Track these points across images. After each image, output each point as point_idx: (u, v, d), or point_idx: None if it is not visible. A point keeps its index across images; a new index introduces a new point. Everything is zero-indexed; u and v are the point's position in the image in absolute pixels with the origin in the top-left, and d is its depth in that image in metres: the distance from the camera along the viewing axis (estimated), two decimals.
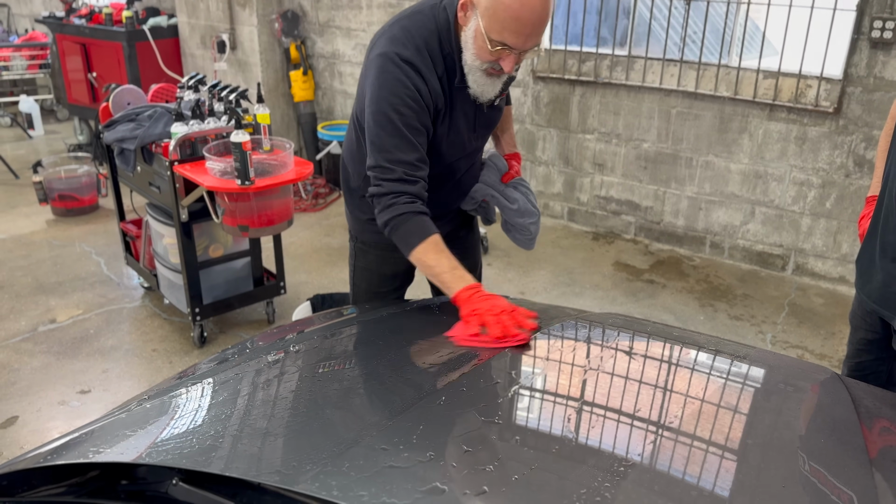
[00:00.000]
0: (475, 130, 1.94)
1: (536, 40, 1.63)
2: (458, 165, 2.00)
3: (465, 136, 1.91)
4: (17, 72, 7.12)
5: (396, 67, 1.70)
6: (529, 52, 1.66)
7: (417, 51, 1.72)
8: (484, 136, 2.03)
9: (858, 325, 2.04)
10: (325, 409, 1.26)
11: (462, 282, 1.70)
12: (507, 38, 1.60)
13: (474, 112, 1.88)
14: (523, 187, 2.16)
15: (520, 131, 5.04)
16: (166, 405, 1.33)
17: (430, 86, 1.73)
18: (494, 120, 2.01)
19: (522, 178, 2.18)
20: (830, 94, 3.84)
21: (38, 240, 4.65)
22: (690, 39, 4.42)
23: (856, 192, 3.93)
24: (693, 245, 4.59)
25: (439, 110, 1.79)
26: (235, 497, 1.06)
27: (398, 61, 1.70)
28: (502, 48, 1.62)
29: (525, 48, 1.63)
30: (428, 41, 1.73)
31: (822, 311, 3.87)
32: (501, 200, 2.15)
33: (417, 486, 0.97)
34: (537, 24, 1.59)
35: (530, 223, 2.17)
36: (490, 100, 1.83)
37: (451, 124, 1.85)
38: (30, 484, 1.16)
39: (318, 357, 1.60)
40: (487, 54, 1.66)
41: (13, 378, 3.18)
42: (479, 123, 1.94)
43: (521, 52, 1.65)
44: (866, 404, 1.40)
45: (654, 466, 1.09)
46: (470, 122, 1.90)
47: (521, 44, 1.62)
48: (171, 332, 3.58)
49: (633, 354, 1.52)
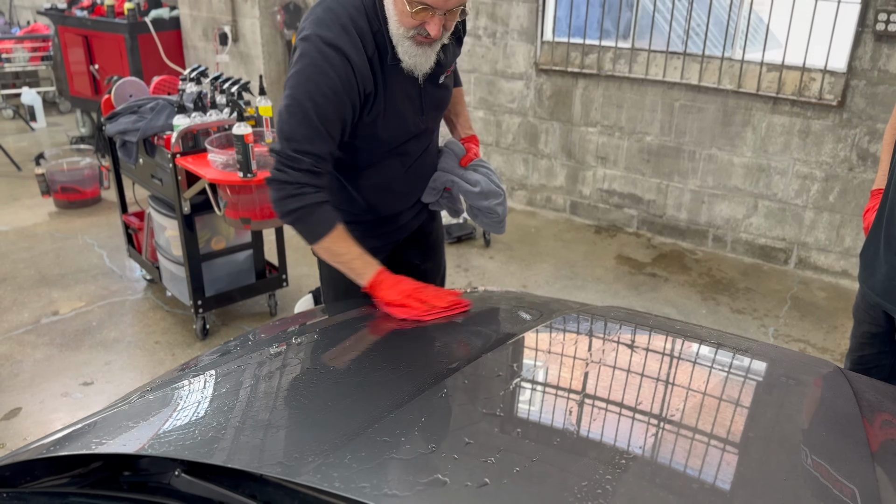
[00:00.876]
0: (423, 112, 1.84)
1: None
2: (408, 149, 1.90)
3: (408, 118, 1.81)
4: (19, 64, 7.11)
5: (319, 53, 1.61)
6: (455, 13, 1.59)
7: (343, 31, 1.62)
8: (434, 116, 1.92)
9: (862, 318, 2.04)
10: (327, 400, 1.27)
11: (372, 267, 1.72)
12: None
13: (418, 91, 1.79)
14: (484, 168, 2.07)
15: (522, 124, 5.03)
16: (168, 397, 1.33)
17: (356, 69, 1.63)
18: (443, 99, 1.91)
19: (482, 160, 2.09)
20: (834, 87, 3.83)
21: (41, 232, 4.66)
22: (694, 32, 4.40)
23: (859, 186, 3.92)
24: (696, 238, 4.59)
25: (369, 94, 1.69)
26: (238, 488, 1.07)
27: (321, 45, 1.61)
28: (423, 9, 1.54)
29: (447, 7, 1.55)
30: (354, 19, 1.63)
31: (825, 305, 3.87)
32: (463, 185, 2.05)
33: (419, 478, 0.97)
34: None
35: (496, 204, 2.06)
36: (426, 72, 1.73)
37: (387, 106, 1.74)
38: (33, 475, 1.16)
39: (319, 349, 1.60)
40: (410, 18, 1.58)
41: (16, 370, 3.19)
42: (427, 104, 1.84)
43: (446, 12, 1.57)
44: (868, 398, 1.40)
45: (655, 459, 1.09)
46: (414, 103, 1.80)
47: (442, 2, 1.54)
48: (173, 324, 3.58)
49: (634, 348, 1.52)
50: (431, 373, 1.33)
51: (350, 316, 1.77)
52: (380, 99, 1.71)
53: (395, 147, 1.86)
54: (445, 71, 1.82)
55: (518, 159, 5.17)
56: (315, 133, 1.64)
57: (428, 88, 1.80)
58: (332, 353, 1.60)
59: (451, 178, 2.04)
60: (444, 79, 1.84)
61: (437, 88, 1.84)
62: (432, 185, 2.05)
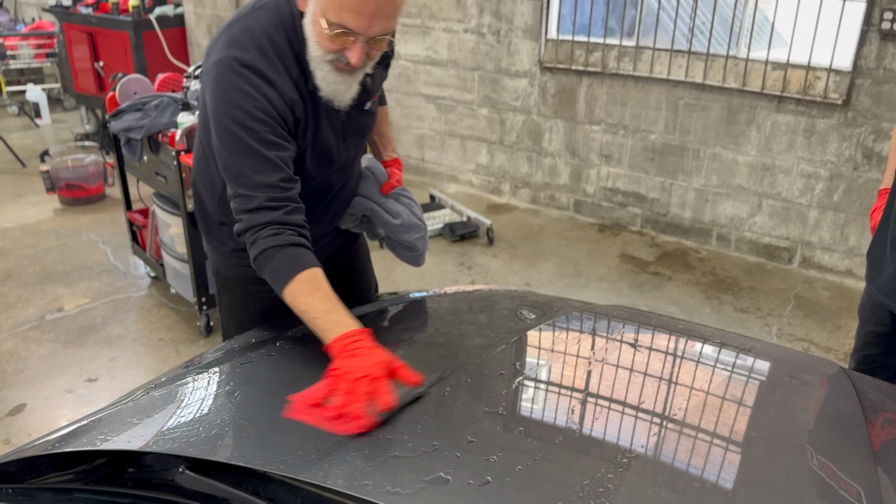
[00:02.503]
0: (344, 139, 1.67)
1: (385, 24, 1.38)
2: (332, 181, 1.74)
3: (333, 149, 1.64)
4: (24, 61, 7.13)
5: (236, 75, 1.43)
6: (381, 43, 1.42)
7: (261, 53, 1.45)
8: (356, 144, 1.75)
9: (867, 317, 2.04)
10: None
11: (338, 328, 1.34)
12: (346, 19, 1.34)
13: (340, 119, 1.62)
14: (406, 198, 1.93)
15: (526, 122, 5.03)
16: (173, 394, 1.34)
17: (281, 92, 1.46)
18: (367, 125, 1.75)
19: (405, 188, 1.95)
20: (839, 86, 3.82)
21: (46, 229, 4.67)
22: (699, 30, 4.39)
23: (864, 185, 3.91)
24: (699, 237, 4.58)
25: (299, 120, 1.52)
26: (241, 485, 1.07)
27: (238, 67, 1.43)
28: (343, 33, 1.37)
29: (370, 34, 1.37)
30: (274, 40, 1.46)
31: (829, 305, 3.86)
32: (383, 215, 1.88)
33: (421, 476, 0.98)
34: (382, 5, 1.34)
35: (416, 238, 1.91)
36: (348, 104, 1.55)
37: (315, 136, 1.58)
38: (38, 471, 1.17)
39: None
40: (328, 42, 1.40)
41: (21, 366, 3.20)
42: (349, 131, 1.67)
43: (369, 40, 1.39)
44: (871, 397, 1.40)
45: (657, 458, 1.09)
46: (337, 131, 1.64)
47: (365, 27, 1.36)
48: (177, 321, 3.59)
49: (637, 347, 1.52)
50: (434, 371, 1.33)
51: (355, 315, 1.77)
52: (309, 126, 1.56)
53: (320, 181, 1.69)
54: (372, 97, 1.67)
55: (522, 157, 5.17)
56: (259, 161, 1.45)
57: (352, 115, 1.64)
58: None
59: (370, 206, 1.89)
60: (371, 105, 1.69)
61: (361, 115, 1.68)
62: (351, 210, 1.90)
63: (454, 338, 1.55)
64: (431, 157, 5.66)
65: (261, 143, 1.44)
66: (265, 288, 1.79)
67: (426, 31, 5.26)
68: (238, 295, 1.92)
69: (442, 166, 5.62)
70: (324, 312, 1.39)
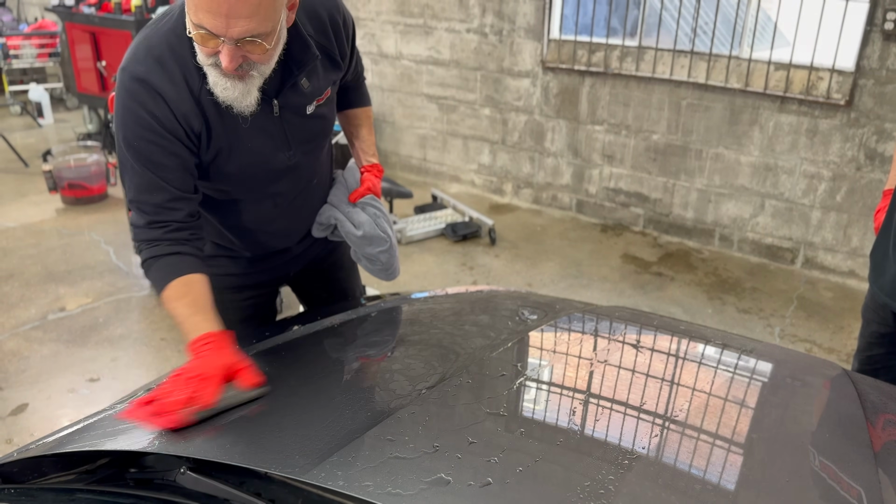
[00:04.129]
0: (289, 147, 1.60)
1: (246, 25, 1.27)
2: (280, 190, 1.68)
3: (268, 155, 1.58)
4: (26, 60, 7.14)
5: (127, 92, 1.41)
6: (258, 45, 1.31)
7: (158, 64, 1.39)
8: (308, 150, 1.67)
9: (871, 318, 2.04)
10: (332, 400, 1.27)
11: (195, 332, 1.37)
12: (203, 19, 1.27)
13: (276, 123, 1.55)
14: (373, 208, 1.83)
15: (528, 122, 5.03)
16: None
17: (174, 106, 1.41)
18: (315, 130, 1.66)
19: (374, 197, 1.84)
20: (842, 87, 3.81)
21: (48, 228, 4.68)
22: (701, 30, 4.39)
23: (867, 186, 3.90)
24: (702, 238, 4.58)
25: (199, 133, 1.46)
26: (242, 486, 1.07)
27: (129, 82, 1.41)
28: (207, 34, 1.29)
29: (232, 35, 1.27)
30: (175, 49, 1.40)
31: (831, 305, 3.86)
32: (346, 225, 1.80)
33: (422, 477, 0.98)
34: (235, 4, 1.24)
35: (379, 251, 1.82)
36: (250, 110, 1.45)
37: (233, 144, 1.52)
38: (40, 471, 1.17)
39: (324, 348, 1.61)
40: (200, 44, 1.33)
41: (23, 366, 3.21)
42: (293, 137, 1.59)
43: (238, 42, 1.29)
44: (872, 399, 1.40)
45: (658, 460, 1.09)
46: (276, 138, 1.57)
47: (223, 28, 1.26)
48: None
49: (639, 348, 1.52)
50: (435, 372, 1.33)
51: (357, 315, 1.77)
52: (217, 137, 1.49)
53: (261, 188, 1.65)
54: (315, 100, 1.59)
55: (524, 157, 5.17)
56: (144, 181, 1.44)
57: (291, 120, 1.57)
58: (336, 353, 1.60)
59: (336, 214, 1.82)
60: (316, 108, 1.61)
61: (304, 119, 1.59)
62: (319, 219, 1.84)
63: (455, 338, 1.55)
64: (433, 157, 5.66)
65: (144, 164, 1.43)
66: (235, 297, 1.84)
67: (428, 30, 5.26)
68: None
69: (444, 166, 5.63)
70: (186, 317, 1.41)
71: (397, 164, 5.89)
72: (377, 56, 5.61)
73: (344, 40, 1.64)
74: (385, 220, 1.84)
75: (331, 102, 1.67)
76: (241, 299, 1.87)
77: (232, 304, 1.84)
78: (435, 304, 1.90)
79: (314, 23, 1.54)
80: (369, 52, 5.62)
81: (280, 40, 1.38)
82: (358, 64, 1.83)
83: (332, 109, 1.72)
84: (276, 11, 1.30)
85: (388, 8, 5.38)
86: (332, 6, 1.59)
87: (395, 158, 5.88)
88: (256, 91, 1.42)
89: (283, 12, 1.34)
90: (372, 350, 1.61)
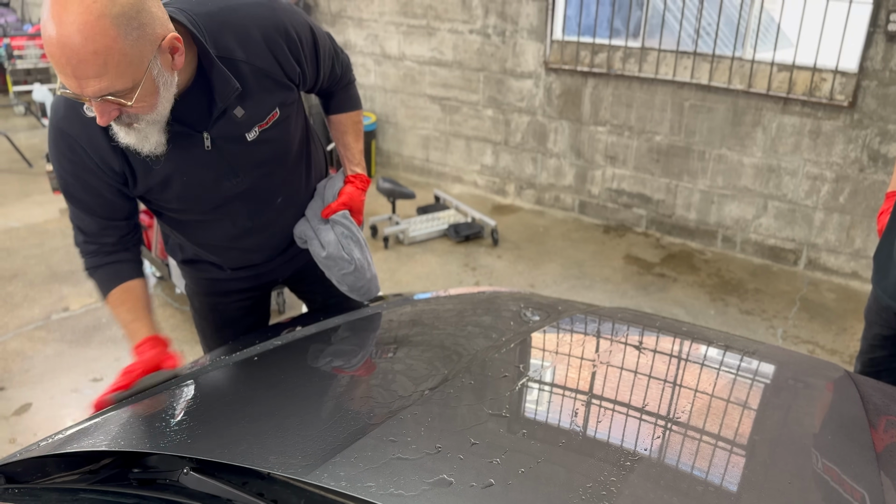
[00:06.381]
0: (235, 174, 1.55)
1: (100, 85, 1.18)
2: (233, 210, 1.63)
3: (207, 184, 1.54)
4: (30, 61, 7.16)
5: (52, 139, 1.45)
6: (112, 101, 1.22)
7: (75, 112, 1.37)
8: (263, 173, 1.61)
9: (873, 320, 2.03)
10: (335, 400, 1.28)
11: (134, 337, 1.51)
12: (62, 79, 1.20)
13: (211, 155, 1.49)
14: (342, 227, 1.74)
15: (531, 123, 5.03)
16: (177, 395, 1.35)
17: (90, 150, 1.42)
18: (263, 155, 1.58)
19: (347, 214, 1.76)
20: (845, 88, 3.81)
21: (52, 228, 4.69)
22: (704, 31, 4.39)
23: (870, 187, 3.90)
24: (705, 239, 4.58)
25: (120, 171, 1.46)
26: (245, 486, 1.08)
27: (52, 131, 1.44)
28: (70, 93, 1.22)
29: (87, 94, 1.19)
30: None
31: (834, 307, 3.85)
32: (314, 243, 1.74)
33: (425, 478, 0.98)
34: (77, 65, 1.15)
35: (343, 274, 1.75)
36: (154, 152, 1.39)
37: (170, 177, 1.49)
38: (44, 471, 1.18)
39: (327, 349, 1.61)
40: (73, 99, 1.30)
41: (27, 365, 3.21)
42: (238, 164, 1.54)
43: (101, 98, 1.21)
44: (875, 401, 1.40)
45: (660, 461, 1.09)
46: (212, 167, 1.51)
47: (77, 88, 1.19)
48: (182, 321, 3.60)
49: (641, 349, 1.52)
50: (438, 373, 1.33)
51: (357, 316, 1.78)
52: (145, 173, 1.48)
53: (213, 210, 1.62)
54: (256, 125, 1.52)
55: (527, 158, 5.17)
56: (78, 214, 1.55)
57: (230, 149, 1.51)
58: (339, 353, 1.61)
59: (306, 230, 1.76)
60: (260, 133, 1.53)
61: (246, 146, 1.53)
62: (295, 232, 1.78)
63: (458, 339, 1.55)
64: (436, 158, 5.67)
65: (72, 200, 1.53)
66: (221, 301, 1.87)
67: (431, 31, 5.26)
68: (197, 305, 1.95)
69: (447, 167, 5.63)
70: (127, 323, 1.54)
71: (400, 165, 5.89)
72: (380, 57, 5.61)
73: (293, 58, 1.52)
74: (353, 240, 1.75)
75: (283, 123, 1.58)
76: (229, 302, 1.89)
77: (216, 306, 1.89)
78: (437, 305, 1.91)
79: (245, 44, 1.43)
80: (372, 52, 5.63)
81: (159, 89, 1.27)
82: (334, 71, 1.72)
83: (289, 130, 1.62)
84: (133, 66, 1.19)
85: (391, 9, 5.38)
86: (270, 25, 1.46)
87: (397, 159, 5.89)
88: (158, 134, 1.37)
89: (149, 62, 1.22)
90: (374, 351, 1.62)
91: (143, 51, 1.20)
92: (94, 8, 1.13)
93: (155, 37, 1.22)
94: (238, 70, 1.42)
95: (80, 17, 1.12)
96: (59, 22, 1.13)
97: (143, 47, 1.20)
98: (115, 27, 1.14)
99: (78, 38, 1.13)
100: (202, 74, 1.39)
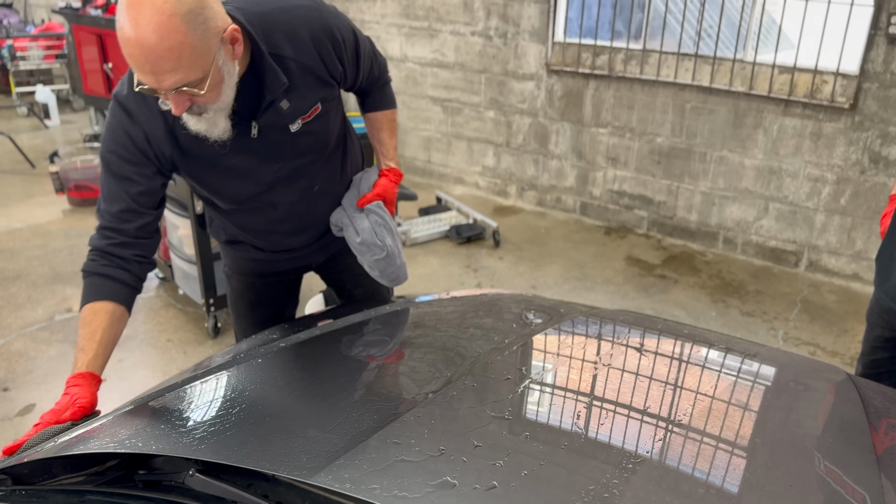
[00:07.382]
0: (278, 161, 1.67)
1: (176, 77, 1.30)
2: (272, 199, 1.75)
3: (251, 172, 1.66)
4: (33, 62, 7.17)
5: (112, 112, 1.53)
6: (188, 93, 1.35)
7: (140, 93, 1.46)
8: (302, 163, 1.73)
9: (875, 322, 2.04)
10: (338, 402, 1.28)
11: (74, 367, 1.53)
12: (140, 77, 1.33)
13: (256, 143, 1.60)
14: (376, 216, 1.85)
15: (533, 125, 5.04)
16: (182, 397, 1.35)
17: (147, 129, 1.51)
18: (302, 145, 1.69)
19: (381, 204, 1.87)
20: (846, 90, 3.81)
21: (55, 229, 4.70)
22: (706, 33, 4.39)
23: (871, 189, 3.90)
24: (706, 240, 4.58)
25: (169, 156, 1.57)
26: (250, 488, 1.08)
27: (114, 105, 1.53)
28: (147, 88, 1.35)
29: (165, 87, 1.32)
30: None
31: (835, 308, 3.86)
32: (349, 230, 1.85)
33: (428, 480, 0.99)
34: (155, 62, 1.27)
35: (375, 260, 1.86)
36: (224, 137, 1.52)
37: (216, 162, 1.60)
38: (50, 473, 1.18)
39: (332, 351, 1.62)
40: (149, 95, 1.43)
41: (30, 366, 3.22)
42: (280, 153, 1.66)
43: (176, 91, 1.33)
44: (875, 403, 1.40)
45: (663, 463, 1.10)
46: (256, 154, 1.63)
47: (155, 83, 1.31)
48: (185, 322, 3.61)
49: (643, 351, 1.53)
50: (440, 375, 1.34)
51: (363, 318, 1.78)
52: (191, 159, 1.59)
53: (255, 196, 1.73)
54: (300, 118, 1.63)
55: (528, 160, 5.17)
56: (110, 189, 1.57)
57: (274, 138, 1.63)
58: (343, 356, 1.61)
59: (342, 218, 1.88)
60: (303, 125, 1.65)
61: (289, 136, 1.64)
62: (332, 220, 1.90)
63: (460, 342, 1.56)
64: (438, 159, 5.67)
65: (112, 174, 1.56)
66: (258, 281, 1.99)
67: (433, 33, 5.27)
68: (235, 284, 2.08)
69: (448, 168, 5.64)
70: (77, 348, 1.55)
71: (402, 166, 5.87)
72: None
73: (337, 58, 1.64)
74: (386, 228, 1.87)
75: (323, 117, 1.70)
76: (264, 283, 2.01)
77: (253, 286, 2.03)
78: (440, 307, 1.91)
79: (294, 43, 1.55)
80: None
81: (224, 77, 1.40)
82: (372, 71, 1.85)
83: (328, 124, 1.74)
84: (203, 57, 1.32)
85: (393, 11, 5.39)
86: (317, 26, 1.59)
87: (399, 160, 5.89)
88: (224, 121, 1.50)
89: (215, 53, 1.34)
90: (378, 353, 1.62)
91: (209, 43, 1.32)
92: (164, 8, 1.24)
93: (218, 29, 1.34)
94: (286, 66, 1.54)
95: (154, 18, 1.24)
96: (135, 24, 1.25)
97: (209, 40, 1.32)
98: (185, 24, 1.26)
99: (154, 38, 1.25)
100: (253, 69, 1.51)
